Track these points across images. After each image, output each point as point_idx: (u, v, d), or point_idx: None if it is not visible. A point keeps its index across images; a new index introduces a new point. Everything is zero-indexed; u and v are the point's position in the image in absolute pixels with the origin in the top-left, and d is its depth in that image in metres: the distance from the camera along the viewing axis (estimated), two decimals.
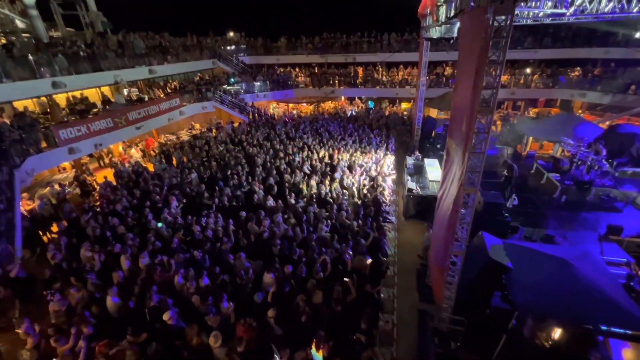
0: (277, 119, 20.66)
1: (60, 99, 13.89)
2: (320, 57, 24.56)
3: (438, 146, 15.97)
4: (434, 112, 21.95)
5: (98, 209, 9.97)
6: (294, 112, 24.58)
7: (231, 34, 25.96)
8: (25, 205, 10.27)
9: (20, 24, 13.67)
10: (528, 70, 22.26)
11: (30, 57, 11.29)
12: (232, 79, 22.02)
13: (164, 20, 28.40)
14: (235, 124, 19.07)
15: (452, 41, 9.17)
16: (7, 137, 9.67)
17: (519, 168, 12.02)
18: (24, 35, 14.30)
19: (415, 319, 7.20)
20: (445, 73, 23.04)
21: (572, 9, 7.84)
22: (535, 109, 23.19)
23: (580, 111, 21.72)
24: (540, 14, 8.12)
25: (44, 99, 13.04)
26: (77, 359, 5.33)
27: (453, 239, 5.86)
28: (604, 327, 5.32)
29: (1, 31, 14.61)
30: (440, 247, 6.77)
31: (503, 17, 4.29)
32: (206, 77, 22.09)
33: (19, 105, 12.37)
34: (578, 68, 21.00)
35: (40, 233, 9.95)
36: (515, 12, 4.71)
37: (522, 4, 4.13)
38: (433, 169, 12.21)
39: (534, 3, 6.76)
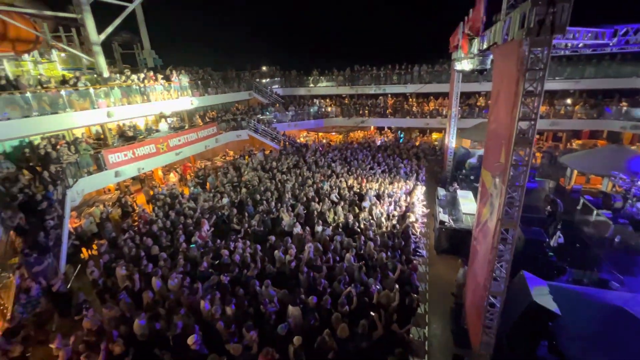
0: (307, 147, 21.16)
1: (112, 125, 15.29)
2: (350, 88, 25.30)
3: (472, 177, 15.35)
4: (466, 143, 21.40)
5: (136, 229, 10.49)
6: (324, 140, 25.08)
7: (266, 68, 27.67)
8: (72, 223, 11.07)
9: (86, 61, 15.58)
10: (569, 101, 21.30)
11: (91, 90, 12.69)
12: (266, 110, 23.16)
13: (208, 55, 31.06)
14: (267, 152, 19.76)
15: (485, 72, 9.05)
16: (65, 160, 10.71)
17: (563, 203, 11.16)
18: (88, 71, 16.21)
19: None
20: (478, 104, 22.65)
21: (615, 40, 7.54)
22: (579, 140, 21.87)
23: (634, 145, 20.09)
24: (580, 45, 7.88)
25: (98, 126, 14.44)
26: None
27: (491, 278, 5.43)
28: None
29: (71, 68, 16.71)
30: (477, 286, 6.30)
31: (539, 49, 4.21)
32: (242, 107, 23.43)
33: (77, 131, 13.78)
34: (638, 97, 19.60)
35: (83, 250, 10.59)
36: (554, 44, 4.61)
37: (560, 35, 4.03)
38: (467, 201, 11.66)
39: (572, 35, 6.59)
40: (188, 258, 8.57)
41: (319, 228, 9.94)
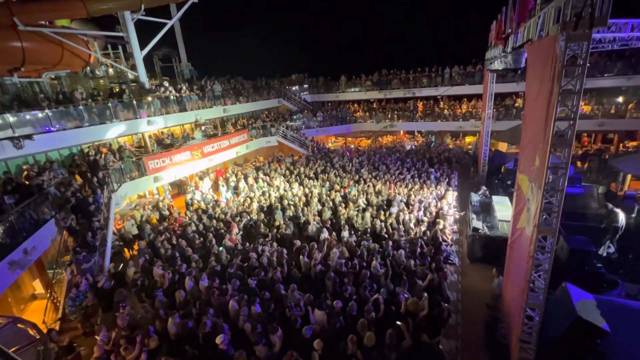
0: (335, 152, 21.20)
1: (151, 133, 16.37)
2: (379, 92, 25.09)
3: (509, 182, 14.51)
4: (503, 146, 20.30)
5: (172, 231, 11.05)
6: (352, 146, 25.00)
7: (295, 75, 28.25)
8: (115, 225, 11.92)
9: (130, 75, 16.92)
10: (620, 99, 19.51)
11: (134, 102, 13.71)
12: (295, 116, 23.60)
13: (239, 65, 32.43)
14: (295, 157, 20.06)
15: (519, 72, 8.56)
16: (110, 166, 11.61)
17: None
18: (132, 84, 17.58)
19: None
20: (516, 104, 21.46)
21: None
22: (634, 141, 19.89)
23: None
24: (634, 37, 7.23)
25: (139, 134, 15.53)
26: None
27: (528, 289, 5.08)
28: None
29: (117, 82, 18.25)
30: (514, 297, 5.92)
31: (578, 44, 3.93)
32: (271, 114, 24.08)
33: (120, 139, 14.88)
34: None
35: (125, 250, 11.36)
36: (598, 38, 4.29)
37: (602, 28, 3.74)
38: (502, 208, 11.03)
39: (619, 27, 6.07)
40: (219, 260, 8.89)
41: (345, 233, 9.89)
